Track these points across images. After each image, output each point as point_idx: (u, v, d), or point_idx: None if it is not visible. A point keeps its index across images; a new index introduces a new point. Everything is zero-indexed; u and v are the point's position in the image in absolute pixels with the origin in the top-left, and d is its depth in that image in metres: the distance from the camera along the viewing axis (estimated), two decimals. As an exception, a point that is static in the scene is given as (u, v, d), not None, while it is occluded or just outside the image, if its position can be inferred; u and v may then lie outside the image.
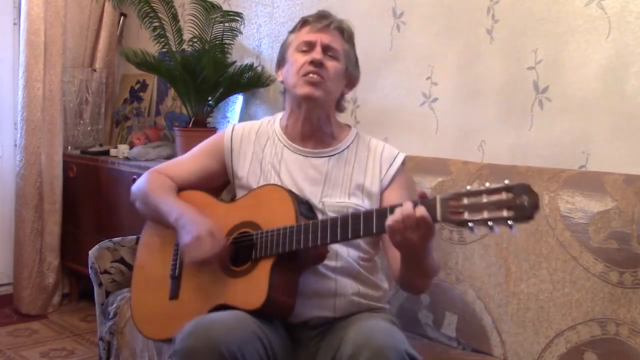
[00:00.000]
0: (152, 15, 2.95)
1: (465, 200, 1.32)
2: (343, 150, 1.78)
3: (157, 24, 2.97)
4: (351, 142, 1.80)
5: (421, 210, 1.37)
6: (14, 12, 3.57)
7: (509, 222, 1.27)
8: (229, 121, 3.27)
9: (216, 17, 2.91)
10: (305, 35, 1.74)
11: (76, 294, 3.63)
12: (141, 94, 3.71)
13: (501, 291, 1.82)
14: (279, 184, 1.71)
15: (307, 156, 1.77)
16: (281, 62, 1.82)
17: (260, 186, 1.71)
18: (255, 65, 3.07)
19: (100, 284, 2.16)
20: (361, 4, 2.64)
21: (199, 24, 2.94)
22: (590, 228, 1.69)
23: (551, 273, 1.74)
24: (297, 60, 1.72)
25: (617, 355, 1.61)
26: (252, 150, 1.82)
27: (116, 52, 3.76)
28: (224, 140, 1.85)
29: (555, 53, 2.07)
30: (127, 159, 3.19)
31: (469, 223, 1.31)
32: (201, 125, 2.99)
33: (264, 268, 1.55)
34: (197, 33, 2.94)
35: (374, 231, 1.45)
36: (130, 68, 3.51)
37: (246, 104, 3.20)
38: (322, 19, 1.75)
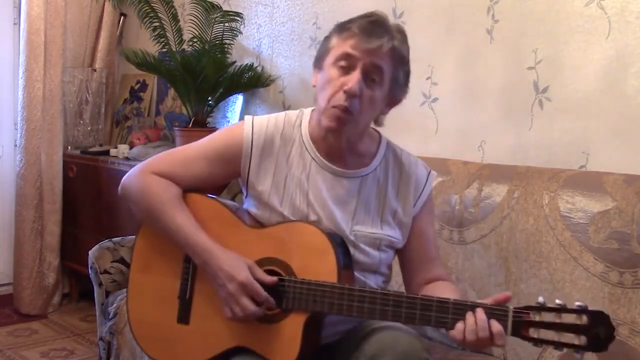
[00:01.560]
0: (152, 15, 2.96)
1: (539, 317, 1.27)
2: (375, 168, 1.58)
3: (157, 24, 2.97)
4: (382, 158, 1.60)
5: (500, 336, 1.28)
6: (14, 12, 3.57)
7: (579, 351, 1.24)
8: (228, 121, 3.27)
9: (216, 17, 2.91)
10: (348, 47, 1.45)
11: (76, 294, 3.63)
12: (141, 94, 3.71)
13: (501, 291, 1.81)
14: (305, 210, 1.52)
15: (338, 176, 1.55)
16: (318, 64, 1.55)
17: (297, 221, 1.51)
18: (255, 65, 3.07)
19: (100, 284, 2.16)
20: (361, 4, 2.63)
21: (199, 24, 2.94)
22: (590, 228, 1.69)
23: (551, 273, 1.73)
24: (332, 80, 1.46)
25: (617, 355, 1.60)
26: (276, 161, 1.56)
27: (116, 52, 3.76)
28: (242, 147, 1.56)
29: (555, 53, 2.07)
30: (127, 159, 3.19)
31: (540, 343, 1.27)
32: (201, 125, 2.99)
33: (296, 323, 1.43)
34: (197, 33, 2.94)
35: (432, 324, 1.36)
36: (130, 68, 3.51)
37: (246, 104, 3.20)
38: (371, 37, 1.44)
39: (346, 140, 1.53)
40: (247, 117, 1.61)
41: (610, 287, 1.64)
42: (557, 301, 1.26)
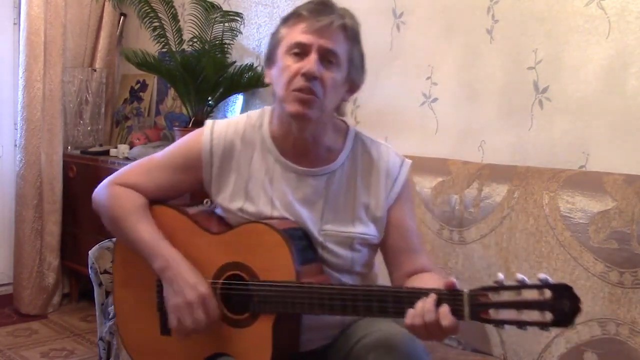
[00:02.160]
0: (152, 15, 2.96)
1: (498, 297, 1.20)
2: (343, 163, 1.53)
3: (157, 24, 2.97)
4: (350, 151, 1.55)
5: (446, 316, 1.22)
6: (14, 12, 3.56)
7: (545, 328, 1.18)
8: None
9: (216, 17, 2.91)
10: (299, 35, 1.43)
11: (76, 294, 3.63)
12: (141, 94, 3.71)
13: (501, 291, 1.82)
14: (270, 214, 1.49)
15: (303, 175, 1.51)
16: (271, 61, 1.51)
17: (251, 222, 1.48)
18: (255, 65, 3.07)
19: (100, 284, 2.15)
20: (361, 4, 2.63)
21: (199, 24, 2.94)
22: (590, 228, 1.69)
23: (551, 273, 1.73)
24: (288, 67, 1.43)
25: (617, 355, 1.61)
26: (238, 167, 1.54)
27: (116, 52, 3.76)
28: (201, 155, 1.54)
29: (555, 53, 2.07)
30: (127, 159, 3.18)
31: (502, 324, 1.20)
32: (201, 125, 2.97)
33: (265, 325, 1.42)
34: (197, 33, 2.94)
35: (390, 315, 1.32)
36: (130, 68, 3.51)
37: (246, 104, 3.20)
38: (320, 15, 1.42)
39: (311, 132, 1.48)
40: (208, 123, 1.59)
41: (610, 287, 1.64)
42: (518, 276, 1.20)
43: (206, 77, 2.90)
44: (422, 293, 1.28)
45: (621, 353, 1.60)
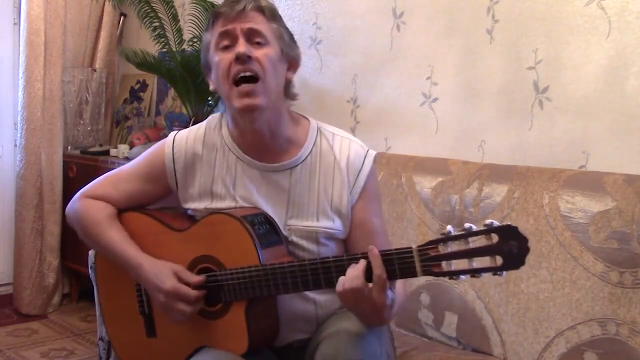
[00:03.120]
0: (152, 15, 2.96)
1: (448, 248, 1.20)
2: (305, 158, 1.53)
3: (157, 24, 2.97)
4: (313, 145, 1.55)
5: (377, 270, 1.24)
6: (14, 12, 3.56)
7: (498, 272, 1.18)
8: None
9: (216, 17, 2.91)
10: (221, 27, 1.46)
11: (76, 294, 3.63)
12: (141, 94, 3.71)
13: (501, 291, 1.82)
14: (233, 207, 1.52)
15: (266, 171, 1.53)
16: (206, 68, 1.54)
17: (211, 213, 1.51)
18: (255, 65, 3.07)
19: (100, 284, 2.15)
20: (361, 4, 2.64)
21: (199, 24, 2.94)
22: (590, 228, 1.69)
23: (551, 273, 1.74)
24: (221, 60, 1.45)
25: (617, 355, 1.61)
26: (201, 171, 1.57)
27: (116, 52, 3.76)
28: (164, 162, 1.59)
29: (555, 53, 2.07)
30: (127, 159, 3.19)
31: (455, 275, 1.20)
32: (201, 125, 2.99)
33: (239, 312, 1.45)
34: (197, 33, 2.94)
35: (322, 286, 1.36)
36: (130, 68, 3.51)
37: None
38: (234, 4, 1.46)
39: (265, 122, 1.48)
40: (171, 134, 1.65)
41: (610, 287, 1.64)
42: (466, 225, 1.19)
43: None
44: (353, 258, 1.30)
45: (621, 353, 1.60)
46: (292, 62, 1.54)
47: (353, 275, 1.27)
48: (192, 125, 3.04)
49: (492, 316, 1.84)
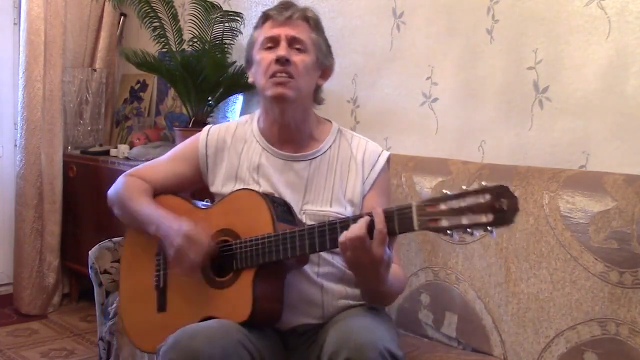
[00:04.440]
0: (152, 15, 2.96)
1: (443, 206, 1.29)
2: (325, 151, 1.72)
3: (157, 24, 2.97)
4: (333, 142, 1.73)
5: (379, 226, 1.35)
6: (14, 12, 3.57)
7: (489, 228, 1.25)
8: (228, 121, 3.27)
9: (216, 17, 2.91)
10: (269, 30, 1.67)
11: (76, 294, 3.63)
12: (141, 94, 3.71)
13: (501, 291, 1.82)
14: (255, 189, 1.64)
15: (287, 160, 1.70)
16: (249, 62, 1.74)
17: (235, 191, 1.65)
18: (255, 65, 3.07)
19: (100, 284, 2.16)
20: (361, 4, 2.64)
21: (199, 24, 2.94)
22: (590, 228, 1.69)
23: (551, 273, 1.74)
24: (264, 59, 1.65)
25: (617, 355, 1.61)
26: (228, 158, 1.74)
27: (116, 52, 3.75)
28: (198, 147, 1.78)
29: (555, 53, 2.07)
30: (127, 159, 3.19)
31: (448, 231, 1.28)
32: (201, 125, 2.96)
33: (246, 280, 1.53)
34: (197, 33, 2.94)
35: (327, 247, 1.46)
36: (130, 68, 3.51)
37: (246, 104, 3.20)
38: (283, 11, 1.66)
39: (292, 116, 1.67)
40: (206, 127, 1.83)
41: (610, 287, 1.64)
42: (463, 187, 1.29)
43: (206, 77, 2.90)
44: (358, 217, 1.42)
45: (621, 353, 1.60)
46: (325, 70, 1.73)
47: (356, 227, 1.38)
48: (192, 125, 3.07)
49: (492, 316, 1.84)
